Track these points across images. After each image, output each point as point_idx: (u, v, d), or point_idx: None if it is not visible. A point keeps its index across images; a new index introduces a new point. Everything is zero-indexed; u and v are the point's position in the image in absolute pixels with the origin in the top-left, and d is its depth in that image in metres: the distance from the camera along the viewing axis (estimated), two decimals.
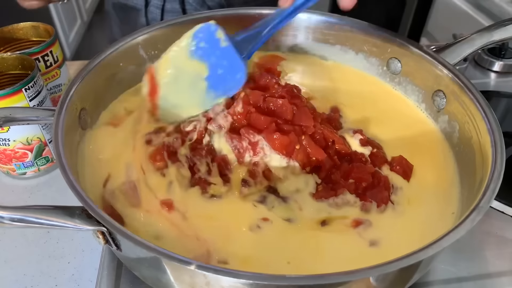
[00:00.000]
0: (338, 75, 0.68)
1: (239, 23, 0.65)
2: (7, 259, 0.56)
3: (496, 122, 0.47)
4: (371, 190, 0.49)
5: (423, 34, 1.66)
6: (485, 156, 0.45)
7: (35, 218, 0.38)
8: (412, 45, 0.61)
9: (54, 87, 0.71)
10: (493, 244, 0.56)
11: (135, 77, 0.64)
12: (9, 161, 0.63)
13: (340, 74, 0.68)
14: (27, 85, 0.57)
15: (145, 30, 0.63)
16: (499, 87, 0.84)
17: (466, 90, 0.52)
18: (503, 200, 0.58)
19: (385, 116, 0.61)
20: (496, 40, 0.58)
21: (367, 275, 0.36)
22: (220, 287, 0.36)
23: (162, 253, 0.35)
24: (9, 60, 0.62)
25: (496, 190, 0.40)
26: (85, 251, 0.56)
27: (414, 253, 0.36)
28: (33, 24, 0.70)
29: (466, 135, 0.52)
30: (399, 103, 0.64)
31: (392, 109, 0.63)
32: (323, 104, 0.62)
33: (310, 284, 0.35)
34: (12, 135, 0.60)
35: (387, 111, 0.62)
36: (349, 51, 0.69)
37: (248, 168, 0.49)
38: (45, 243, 0.57)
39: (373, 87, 0.66)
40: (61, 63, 0.71)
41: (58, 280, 0.53)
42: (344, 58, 0.69)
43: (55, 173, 0.67)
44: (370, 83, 0.67)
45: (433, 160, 0.55)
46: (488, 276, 0.52)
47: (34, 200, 0.63)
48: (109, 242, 0.40)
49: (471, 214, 0.38)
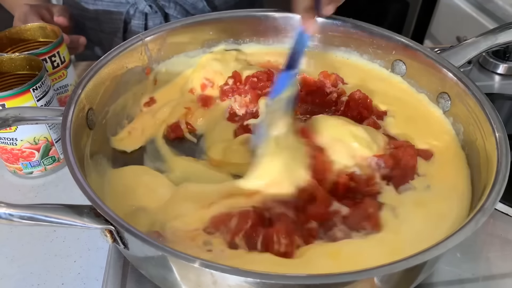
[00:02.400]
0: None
1: (245, 23, 0.66)
2: (14, 258, 0.56)
3: (501, 124, 0.47)
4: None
5: (426, 37, 1.66)
6: (490, 158, 0.46)
7: (44, 216, 0.39)
8: (417, 47, 0.61)
9: (61, 87, 0.72)
10: (497, 246, 0.56)
11: (141, 78, 0.65)
12: (16, 160, 0.63)
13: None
14: (35, 85, 0.58)
15: (151, 31, 0.64)
16: (503, 90, 0.84)
17: (470, 92, 0.52)
18: (507, 202, 0.58)
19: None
20: (500, 42, 0.58)
21: (372, 275, 0.36)
22: (227, 286, 0.36)
23: (169, 251, 0.35)
24: (17, 60, 0.63)
25: (501, 192, 0.40)
26: (91, 250, 0.57)
27: (419, 254, 0.36)
28: (41, 25, 0.71)
29: (471, 137, 0.52)
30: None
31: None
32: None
33: (316, 283, 0.35)
34: (20, 134, 0.60)
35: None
36: (353, 52, 0.69)
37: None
38: (51, 242, 0.58)
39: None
40: (68, 63, 0.71)
41: (64, 279, 0.54)
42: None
43: (61, 173, 0.67)
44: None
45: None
46: (491, 277, 0.53)
47: (41, 199, 0.64)
48: (117, 241, 0.41)
49: (476, 215, 0.38)
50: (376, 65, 0.68)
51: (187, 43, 0.69)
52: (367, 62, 0.69)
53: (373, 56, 0.67)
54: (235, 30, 0.70)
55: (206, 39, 0.70)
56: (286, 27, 0.70)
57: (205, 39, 0.70)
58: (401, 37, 0.63)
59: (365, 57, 0.68)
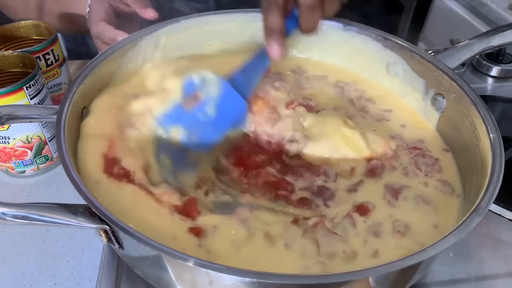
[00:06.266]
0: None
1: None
2: (6, 258, 0.55)
3: (495, 125, 0.47)
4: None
5: (420, 39, 1.67)
6: (484, 159, 0.46)
7: (38, 216, 0.38)
8: (412, 48, 0.61)
9: (55, 85, 0.71)
10: (490, 246, 0.57)
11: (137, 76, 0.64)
12: (9, 159, 0.63)
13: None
14: (28, 83, 0.57)
15: (147, 30, 0.63)
16: (496, 92, 0.85)
17: (465, 94, 0.53)
18: (500, 203, 0.59)
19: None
20: (494, 45, 0.59)
21: (367, 275, 0.36)
22: (224, 285, 0.36)
23: (165, 250, 0.35)
24: (10, 58, 0.62)
25: (496, 193, 0.40)
26: (84, 250, 0.56)
27: (415, 254, 0.36)
28: (34, 23, 0.70)
29: (465, 139, 0.53)
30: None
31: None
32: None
33: (312, 283, 0.35)
34: (12, 133, 0.60)
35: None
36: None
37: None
38: (44, 242, 0.57)
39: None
40: (62, 62, 0.71)
41: (57, 279, 0.53)
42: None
43: (54, 172, 0.67)
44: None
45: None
46: (484, 278, 0.53)
47: (33, 199, 0.63)
48: (112, 241, 0.40)
49: (471, 215, 0.38)
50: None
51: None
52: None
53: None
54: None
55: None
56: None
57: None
58: (396, 38, 0.63)
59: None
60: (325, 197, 0.49)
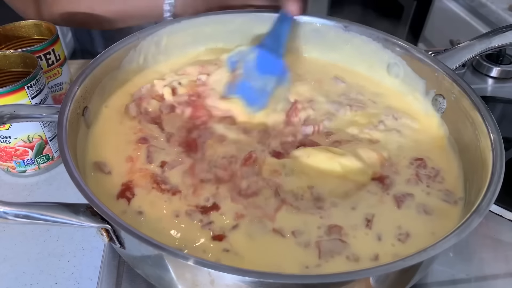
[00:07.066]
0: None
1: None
2: (7, 257, 0.55)
3: (495, 126, 0.47)
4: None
5: (420, 40, 1.68)
6: (485, 160, 0.46)
7: (40, 215, 0.38)
8: (413, 48, 0.61)
9: (56, 85, 0.71)
10: (490, 247, 0.57)
11: (138, 76, 0.65)
12: (9, 158, 0.63)
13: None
14: (29, 83, 0.57)
15: (148, 29, 0.63)
16: (496, 93, 0.86)
17: (465, 95, 0.53)
18: (500, 204, 0.59)
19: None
20: (495, 46, 0.59)
21: (368, 275, 0.36)
22: (225, 285, 0.36)
23: (167, 250, 0.35)
24: (11, 57, 0.62)
25: (496, 193, 0.40)
26: (85, 250, 0.56)
27: (415, 254, 0.36)
28: (36, 22, 0.70)
29: (465, 139, 0.53)
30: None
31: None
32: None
33: (313, 283, 0.35)
34: (13, 132, 0.60)
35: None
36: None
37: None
38: (44, 241, 0.57)
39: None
40: (63, 61, 0.71)
41: (57, 278, 0.53)
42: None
43: (55, 171, 0.67)
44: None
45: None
46: (484, 278, 0.53)
47: (34, 198, 0.63)
48: (113, 240, 0.40)
49: (472, 216, 0.39)
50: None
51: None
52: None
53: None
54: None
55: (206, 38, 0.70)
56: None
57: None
58: (397, 39, 0.64)
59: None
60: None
